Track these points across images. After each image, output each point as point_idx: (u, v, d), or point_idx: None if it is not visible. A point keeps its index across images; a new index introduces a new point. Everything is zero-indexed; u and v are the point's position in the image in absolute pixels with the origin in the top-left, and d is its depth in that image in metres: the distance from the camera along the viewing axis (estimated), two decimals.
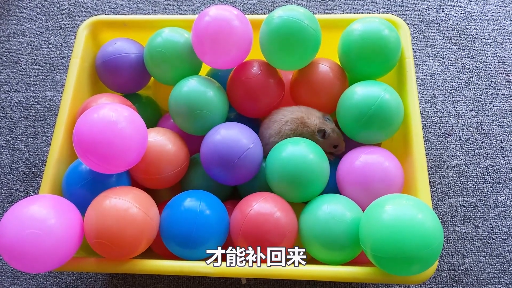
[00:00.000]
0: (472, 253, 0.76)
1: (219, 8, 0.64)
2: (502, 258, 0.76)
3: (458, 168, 0.83)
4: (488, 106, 0.88)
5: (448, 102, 0.89)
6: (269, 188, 0.63)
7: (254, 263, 0.56)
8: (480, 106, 0.88)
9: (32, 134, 0.91)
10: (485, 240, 0.77)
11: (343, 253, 0.56)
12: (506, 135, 0.85)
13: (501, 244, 0.77)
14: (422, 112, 0.88)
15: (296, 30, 0.62)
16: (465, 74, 0.92)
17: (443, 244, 0.50)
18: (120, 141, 0.54)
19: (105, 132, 0.54)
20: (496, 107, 0.88)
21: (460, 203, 0.80)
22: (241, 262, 0.56)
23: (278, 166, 0.60)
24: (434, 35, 0.96)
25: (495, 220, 0.78)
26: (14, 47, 1.01)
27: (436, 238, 0.48)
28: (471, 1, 0.99)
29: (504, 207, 0.79)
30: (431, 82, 0.91)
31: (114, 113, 0.55)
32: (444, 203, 0.80)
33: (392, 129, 0.63)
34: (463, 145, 0.85)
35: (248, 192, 0.63)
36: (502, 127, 0.86)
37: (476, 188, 0.81)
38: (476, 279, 0.74)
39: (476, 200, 0.80)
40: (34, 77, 0.97)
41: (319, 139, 0.65)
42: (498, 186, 0.81)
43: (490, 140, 0.85)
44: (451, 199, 0.81)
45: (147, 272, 0.57)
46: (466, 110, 0.88)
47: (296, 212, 0.61)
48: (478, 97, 0.89)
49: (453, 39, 0.95)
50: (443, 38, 0.96)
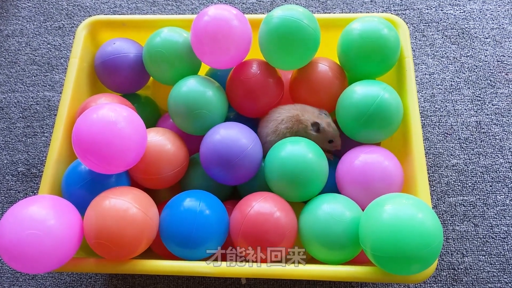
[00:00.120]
0: (471, 252, 0.76)
1: (218, 8, 0.64)
2: (501, 257, 0.76)
3: (457, 167, 0.83)
4: (487, 105, 0.88)
5: (447, 101, 0.89)
6: (268, 187, 0.63)
7: (254, 263, 0.56)
8: (479, 105, 0.88)
9: (31, 135, 0.91)
10: (484, 239, 0.77)
11: (343, 252, 0.56)
12: (505, 134, 0.85)
13: (500, 243, 0.77)
14: (421, 111, 0.88)
15: (295, 30, 0.62)
16: (464, 73, 0.92)
17: (442, 243, 0.50)
18: (120, 141, 0.54)
19: (104, 132, 0.54)
20: (495, 106, 0.88)
21: (460, 202, 0.80)
22: (241, 261, 0.56)
23: (277, 165, 0.60)
24: (433, 34, 0.96)
25: (495, 219, 0.78)
26: (12, 47, 1.01)
27: (436, 237, 0.48)
28: (470, 0, 0.99)
29: (503, 206, 0.80)
30: (430, 81, 0.91)
31: (113, 113, 0.55)
32: (444, 202, 0.80)
33: (392, 128, 0.63)
34: (462, 144, 0.85)
35: (248, 192, 0.63)
36: (502, 126, 0.86)
37: (475, 187, 0.81)
38: (476, 278, 0.74)
39: (476, 199, 0.80)
40: (33, 77, 0.97)
41: (313, 133, 0.64)
42: (497, 185, 0.81)
43: (490, 139, 0.85)
44: (451, 198, 0.81)
45: (146, 273, 0.56)
46: (465, 109, 0.88)
47: (295, 212, 0.61)
48: (477, 96, 0.89)
49: (452, 38, 0.95)
50: (442, 37, 0.96)
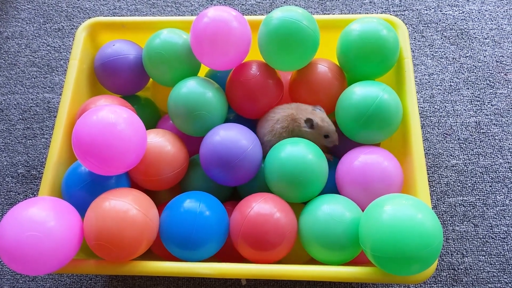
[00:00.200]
0: (471, 252, 0.76)
1: (218, 9, 0.64)
2: (501, 257, 0.76)
3: (457, 167, 0.83)
4: (487, 106, 0.88)
5: (447, 102, 0.89)
6: (268, 188, 0.63)
7: (254, 263, 0.56)
8: (478, 106, 0.89)
9: (31, 136, 0.91)
10: (484, 239, 0.77)
11: (343, 253, 0.56)
12: (505, 134, 0.86)
13: (500, 243, 0.77)
14: (420, 111, 0.89)
15: (294, 31, 0.62)
16: (463, 74, 0.92)
17: (442, 243, 0.50)
18: (119, 142, 0.54)
19: (104, 133, 0.54)
20: (495, 107, 0.88)
21: (459, 202, 0.80)
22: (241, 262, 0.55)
23: (277, 166, 0.60)
24: (432, 35, 0.96)
25: (494, 219, 0.79)
26: (12, 49, 1.01)
27: (436, 237, 0.48)
28: (468, 0, 0.99)
29: (503, 206, 0.80)
30: (429, 82, 0.92)
31: (113, 114, 0.55)
32: (443, 203, 0.80)
33: (391, 129, 0.63)
34: (461, 144, 0.85)
35: (248, 192, 0.63)
36: (501, 126, 0.86)
37: (475, 188, 0.81)
38: (476, 278, 0.74)
39: (475, 199, 0.80)
40: (33, 79, 0.97)
41: (307, 130, 0.64)
42: (497, 185, 0.81)
43: (489, 139, 0.85)
44: (450, 199, 0.81)
45: (147, 274, 0.56)
46: (465, 110, 0.88)
47: (295, 213, 0.61)
48: (476, 96, 0.89)
49: (451, 38, 0.96)
50: (441, 38, 0.96)
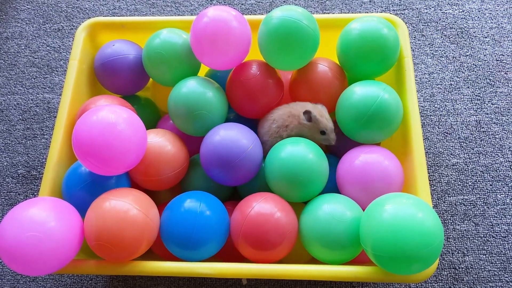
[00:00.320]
0: (472, 251, 0.76)
1: (217, 9, 0.64)
2: (502, 256, 0.76)
3: (457, 166, 0.83)
4: (487, 104, 0.88)
5: (447, 101, 0.89)
6: (269, 188, 0.63)
7: (255, 263, 0.56)
8: (478, 104, 0.88)
9: (31, 137, 0.91)
10: (485, 238, 0.77)
11: (343, 252, 0.56)
12: (505, 133, 0.85)
13: (501, 242, 0.77)
14: (421, 111, 0.89)
15: (294, 30, 0.62)
16: (463, 73, 0.92)
17: (443, 242, 0.50)
18: (119, 143, 0.54)
19: (104, 134, 0.54)
20: (495, 105, 0.88)
21: (460, 201, 0.80)
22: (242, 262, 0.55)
23: (277, 166, 0.60)
24: (432, 34, 0.96)
25: (495, 218, 0.78)
26: (12, 50, 1.01)
27: (437, 236, 0.48)
28: None
29: (503, 205, 0.80)
30: (429, 81, 0.92)
31: (113, 114, 0.55)
32: (444, 202, 0.80)
33: (392, 128, 0.63)
34: (462, 143, 0.85)
35: (248, 192, 0.63)
36: (501, 125, 0.86)
37: (475, 186, 0.81)
38: (477, 277, 0.74)
39: (476, 198, 0.80)
40: (33, 79, 0.97)
41: (305, 122, 0.63)
42: (497, 184, 0.81)
43: (489, 138, 0.85)
44: (451, 198, 0.81)
45: (147, 274, 0.56)
46: (465, 109, 0.88)
47: (296, 212, 0.61)
48: (476, 95, 0.89)
49: (451, 37, 0.95)
50: (441, 37, 0.96)
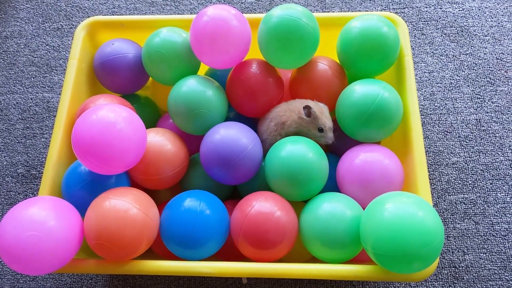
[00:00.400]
0: (472, 250, 0.76)
1: (217, 8, 0.63)
2: (502, 254, 0.76)
3: (457, 165, 0.83)
4: (487, 103, 0.88)
5: (447, 99, 0.89)
6: (269, 187, 0.63)
7: (255, 262, 0.56)
8: (479, 103, 0.88)
9: (30, 136, 0.91)
10: (485, 237, 0.77)
11: (344, 251, 0.56)
12: (505, 131, 0.85)
13: (501, 241, 0.77)
14: (421, 109, 0.88)
15: (294, 29, 0.62)
16: (463, 71, 0.92)
17: (443, 241, 0.50)
18: (119, 142, 0.54)
19: (104, 133, 0.53)
20: (495, 104, 0.88)
21: (460, 200, 0.80)
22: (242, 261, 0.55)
23: (277, 164, 0.60)
24: (432, 33, 0.96)
25: (495, 217, 0.78)
26: (11, 49, 1.00)
27: (437, 235, 0.48)
28: None
29: (504, 203, 0.80)
30: (429, 80, 0.91)
31: (112, 113, 0.55)
32: (444, 200, 0.80)
33: (392, 127, 0.62)
34: (462, 142, 0.85)
35: (248, 191, 0.63)
36: (501, 123, 0.86)
37: (475, 185, 0.81)
38: (477, 276, 0.74)
39: (476, 197, 0.80)
40: (32, 78, 0.97)
41: (303, 117, 0.63)
42: (497, 182, 0.81)
43: (489, 137, 0.85)
44: (451, 196, 0.81)
45: (147, 273, 0.56)
46: (465, 107, 0.88)
47: (296, 211, 0.60)
48: (476, 94, 0.89)
49: (451, 36, 0.95)
50: (441, 35, 0.96)
